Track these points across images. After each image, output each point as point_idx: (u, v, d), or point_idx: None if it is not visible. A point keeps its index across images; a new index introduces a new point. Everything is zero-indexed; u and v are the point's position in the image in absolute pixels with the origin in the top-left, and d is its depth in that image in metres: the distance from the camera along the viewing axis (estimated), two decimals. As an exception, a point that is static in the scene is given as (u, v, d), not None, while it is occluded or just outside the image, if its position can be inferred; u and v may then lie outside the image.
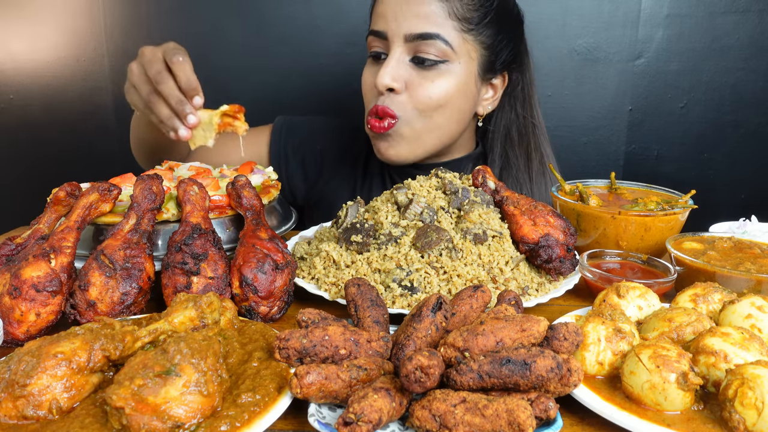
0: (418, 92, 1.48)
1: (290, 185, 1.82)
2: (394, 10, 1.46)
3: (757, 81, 2.26)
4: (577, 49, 2.26)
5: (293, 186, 1.82)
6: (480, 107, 1.63)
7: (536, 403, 0.70)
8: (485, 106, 1.64)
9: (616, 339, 0.81)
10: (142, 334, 0.80)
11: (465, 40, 1.48)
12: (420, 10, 1.44)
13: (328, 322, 0.87)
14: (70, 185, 1.14)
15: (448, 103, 1.51)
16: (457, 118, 1.56)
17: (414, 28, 1.44)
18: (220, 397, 0.71)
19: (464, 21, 1.47)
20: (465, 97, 1.54)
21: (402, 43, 1.46)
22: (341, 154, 1.81)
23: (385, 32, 1.48)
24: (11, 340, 0.93)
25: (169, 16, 2.25)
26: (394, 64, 1.47)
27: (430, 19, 1.44)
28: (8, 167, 2.45)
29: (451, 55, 1.47)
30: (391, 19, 1.46)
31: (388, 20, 1.46)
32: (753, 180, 2.36)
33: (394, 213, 1.18)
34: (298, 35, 2.25)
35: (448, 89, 1.49)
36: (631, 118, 2.34)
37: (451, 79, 1.49)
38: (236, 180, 1.19)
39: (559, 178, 1.47)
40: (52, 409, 0.70)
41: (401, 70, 1.47)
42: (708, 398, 0.77)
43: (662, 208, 1.29)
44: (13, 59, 2.32)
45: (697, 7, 2.21)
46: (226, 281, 1.01)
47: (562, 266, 1.15)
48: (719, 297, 0.95)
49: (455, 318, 0.90)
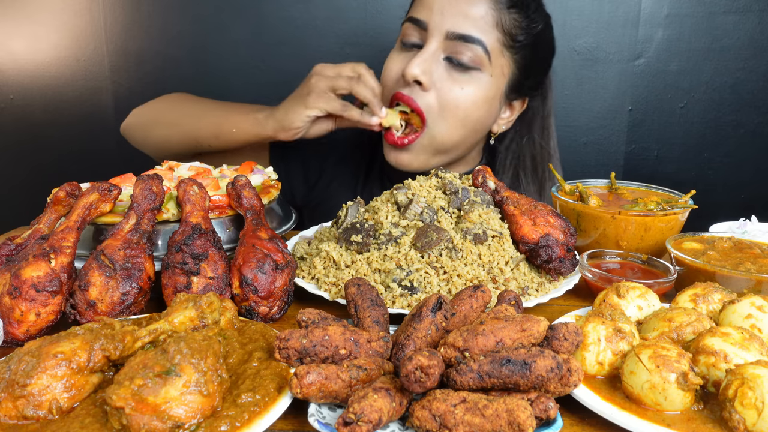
0: (447, 94, 1.43)
1: (290, 186, 1.82)
2: (441, 3, 1.40)
3: (757, 81, 2.26)
4: (577, 49, 2.26)
5: (293, 187, 1.82)
6: (496, 125, 1.60)
7: (536, 403, 0.70)
8: (500, 125, 1.61)
9: (616, 339, 0.81)
10: (142, 334, 0.80)
11: (503, 55, 1.45)
12: (469, 11, 1.40)
13: (328, 322, 0.87)
14: (70, 185, 1.14)
15: (473, 114, 1.47)
16: (476, 130, 1.53)
17: (459, 27, 1.40)
18: (220, 397, 0.71)
19: (508, 35, 1.43)
20: (488, 111, 1.51)
21: (441, 39, 1.42)
22: (342, 156, 1.81)
23: (426, 23, 1.42)
24: (11, 340, 0.93)
25: (169, 16, 2.25)
26: (428, 56, 1.42)
27: (477, 22, 1.40)
28: (8, 167, 2.45)
29: (486, 65, 1.43)
30: (436, 11, 1.41)
31: (433, 11, 1.41)
32: (753, 180, 2.36)
33: (394, 213, 1.18)
34: (297, 35, 2.25)
35: (476, 99, 1.45)
36: (631, 118, 2.34)
37: (480, 88, 1.45)
38: (236, 180, 1.19)
39: (559, 178, 1.47)
40: (52, 409, 0.70)
41: (433, 66, 1.43)
42: (708, 398, 0.77)
43: (662, 208, 1.29)
44: (13, 59, 2.32)
45: (697, 7, 2.21)
46: (226, 281, 1.01)
47: (562, 266, 1.15)
48: (719, 297, 0.95)
49: (455, 318, 0.90)
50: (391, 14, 2.19)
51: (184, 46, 2.28)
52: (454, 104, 1.44)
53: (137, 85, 2.33)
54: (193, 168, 1.38)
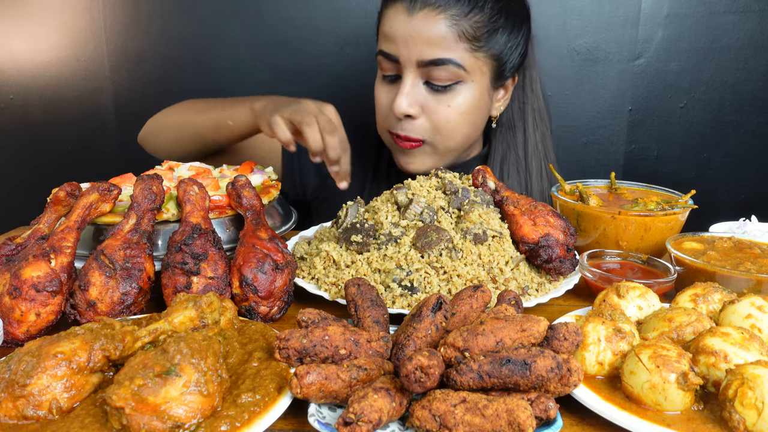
0: (436, 117, 1.50)
1: (302, 180, 1.82)
2: (404, 35, 1.44)
3: (757, 81, 2.26)
4: (577, 49, 2.26)
5: (305, 181, 1.82)
6: (494, 110, 1.64)
7: (536, 403, 0.70)
8: (498, 108, 1.65)
9: (616, 339, 0.81)
10: (142, 334, 0.80)
11: (476, 59, 1.48)
12: (431, 36, 1.42)
13: (328, 322, 0.87)
14: (70, 185, 1.14)
15: (467, 120, 1.53)
16: (475, 128, 1.60)
17: (426, 55, 1.43)
18: (220, 397, 0.71)
19: (474, 41, 1.45)
20: (480, 110, 1.56)
21: (414, 69, 1.46)
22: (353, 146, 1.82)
23: (396, 56, 1.47)
24: (11, 340, 0.93)
25: (169, 16, 2.25)
26: (408, 90, 1.47)
27: (441, 44, 1.43)
28: (8, 167, 2.45)
29: (464, 76, 1.47)
30: (401, 45, 1.45)
31: (399, 45, 1.46)
32: (753, 180, 2.36)
33: (394, 213, 1.18)
34: (297, 35, 2.25)
35: (464, 108, 1.51)
36: (631, 118, 2.33)
37: (466, 97, 1.50)
38: (236, 180, 1.19)
39: (559, 178, 1.47)
40: (52, 409, 0.70)
41: (417, 95, 1.48)
42: (708, 398, 0.77)
43: (662, 208, 1.29)
44: (13, 59, 2.32)
45: (697, 7, 2.21)
46: (226, 281, 1.01)
47: (562, 266, 1.15)
48: (719, 297, 0.95)
49: (455, 318, 0.90)
50: (391, 14, 2.18)
51: (184, 46, 2.28)
52: (445, 120, 1.51)
53: (137, 85, 2.33)
54: (193, 168, 1.38)
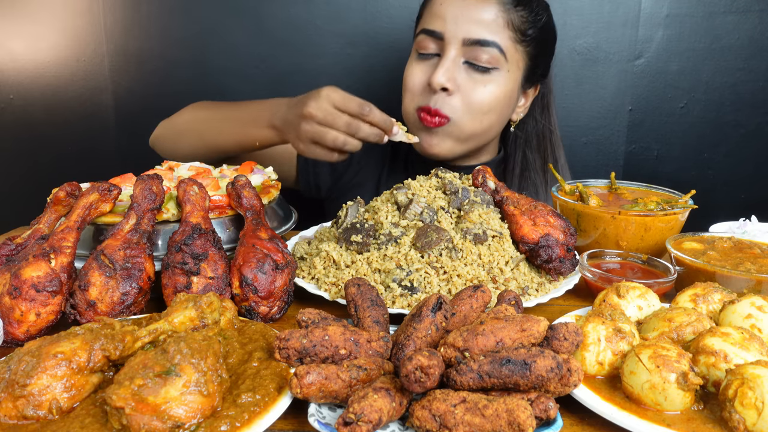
0: (471, 95, 1.53)
1: (316, 181, 1.83)
2: (454, 12, 1.50)
3: (757, 81, 2.25)
4: (577, 49, 2.26)
5: (319, 181, 1.83)
6: (515, 114, 1.70)
7: (536, 403, 0.70)
8: (518, 113, 1.72)
9: (616, 339, 0.81)
10: (142, 334, 0.80)
11: (516, 50, 1.55)
12: (480, 17, 1.49)
13: (328, 322, 0.87)
14: (70, 185, 1.14)
15: (496, 108, 1.57)
16: (499, 122, 1.64)
17: (474, 33, 1.49)
18: (220, 397, 0.71)
19: (519, 32, 1.53)
20: (509, 104, 1.61)
21: (459, 46, 1.51)
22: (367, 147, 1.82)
23: (442, 33, 1.51)
24: (11, 340, 0.93)
25: (169, 16, 2.25)
26: (449, 65, 1.51)
27: (489, 26, 1.49)
28: (8, 167, 2.45)
29: (503, 63, 1.53)
30: (450, 21, 1.50)
31: (447, 22, 1.50)
32: (753, 180, 2.36)
33: (394, 213, 1.18)
34: (297, 36, 2.25)
35: (498, 95, 1.55)
36: (631, 118, 2.33)
37: (501, 85, 1.55)
38: (236, 180, 1.19)
39: (559, 178, 1.47)
40: (52, 409, 0.70)
41: (456, 72, 1.52)
42: (708, 398, 0.77)
43: (662, 208, 1.29)
44: (13, 59, 2.32)
45: (697, 7, 2.21)
46: (226, 281, 1.01)
47: (562, 266, 1.15)
48: (719, 297, 0.95)
49: (455, 318, 0.90)
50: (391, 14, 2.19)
51: (184, 47, 2.28)
52: (479, 103, 1.54)
53: (137, 86, 2.33)
54: (193, 168, 1.38)
